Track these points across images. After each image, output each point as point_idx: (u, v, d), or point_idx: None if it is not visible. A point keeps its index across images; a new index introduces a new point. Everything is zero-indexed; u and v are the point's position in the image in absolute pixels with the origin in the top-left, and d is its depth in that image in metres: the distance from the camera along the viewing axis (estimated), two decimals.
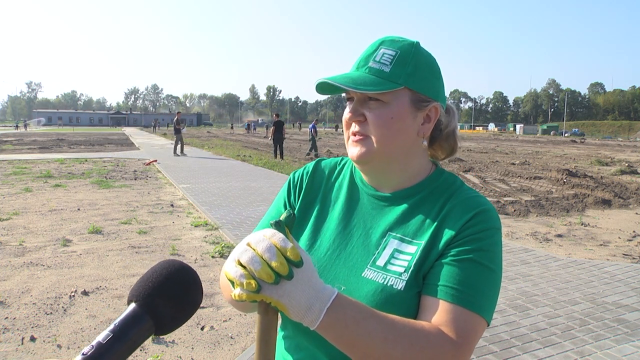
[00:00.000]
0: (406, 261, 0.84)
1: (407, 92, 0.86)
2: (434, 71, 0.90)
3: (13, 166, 14.62)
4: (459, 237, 0.83)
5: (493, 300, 0.82)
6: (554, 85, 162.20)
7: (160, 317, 0.59)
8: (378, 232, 0.90)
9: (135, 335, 0.56)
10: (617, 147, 36.44)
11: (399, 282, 0.83)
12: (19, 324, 3.58)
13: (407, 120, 0.87)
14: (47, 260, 5.11)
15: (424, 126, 0.89)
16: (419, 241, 0.86)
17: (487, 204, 0.87)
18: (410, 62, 0.86)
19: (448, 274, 0.80)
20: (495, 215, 0.86)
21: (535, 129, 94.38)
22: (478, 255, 0.81)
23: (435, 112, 0.90)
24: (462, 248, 0.82)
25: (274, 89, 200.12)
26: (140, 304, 0.58)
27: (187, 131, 62.76)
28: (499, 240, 0.85)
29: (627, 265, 5.25)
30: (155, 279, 0.60)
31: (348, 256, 0.90)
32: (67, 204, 8.45)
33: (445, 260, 0.82)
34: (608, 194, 10.00)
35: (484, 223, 0.84)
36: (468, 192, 0.90)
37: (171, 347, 3.28)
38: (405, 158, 0.91)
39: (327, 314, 0.69)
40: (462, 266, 0.80)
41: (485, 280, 0.80)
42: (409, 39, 0.90)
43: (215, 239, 6.11)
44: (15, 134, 45.27)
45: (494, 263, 0.82)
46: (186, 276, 0.62)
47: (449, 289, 0.79)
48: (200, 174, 12.92)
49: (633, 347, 3.31)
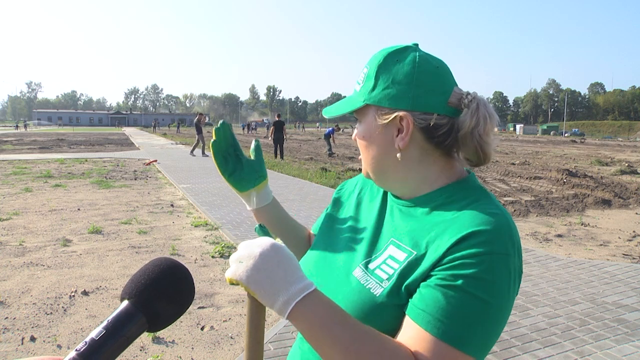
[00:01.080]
0: (392, 269, 0.81)
1: (371, 109, 0.87)
2: (403, 78, 0.85)
3: (13, 166, 14.62)
4: (449, 259, 0.74)
5: (484, 336, 0.72)
6: (554, 85, 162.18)
7: (153, 314, 0.60)
8: (385, 235, 0.90)
9: (128, 332, 0.57)
10: (617, 147, 36.44)
11: (377, 287, 0.80)
12: (19, 324, 3.58)
13: (376, 136, 0.87)
14: (47, 260, 5.11)
15: (397, 138, 0.86)
16: (412, 250, 0.81)
17: (496, 222, 0.76)
18: (372, 76, 0.87)
19: (430, 300, 0.73)
20: (503, 237, 0.75)
21: (535, 129, 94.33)
22: (468, 284, 0.72)
23: (406, 121, 0.84)
24: (450, 273, 0.73)
25: (274, 89, 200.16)
26: (133, 301, 0.59)
27: (187, 131, 62.79)
28: (504, 268, 0.73)
29: (627, 265, 5.25)
30: (147, 276, 0.61)
31: (351, 253, 0.91)
32: (67, 204, 8.45)
33: (430, 283, 0.74)
34: (608, 194, 10.00)
35: (482, 246, 0.73)
36: (483, 205, 0.80)
37: (171, 347, 3.28)
38: (396, 171, 0.88)
39: (295, 309, 0.70)
40: (446, 294, 0.72)
41: (474, 313, 0.71)
42: (389, 49, 0.88)
43: (215, 239, 6.11)
44: (15, 134, 45.27)
45: (490, 294, 0.72)
46: (178, 273, 0.63)
47: (427, 315, 0.72)
48: (200, 174, 12.91)
49: (633, 347, 3.31)
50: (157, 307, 0.60)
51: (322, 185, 11.02)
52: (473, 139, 0.84)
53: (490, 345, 0.74)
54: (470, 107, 0.84)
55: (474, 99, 0.85)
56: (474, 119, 0.83)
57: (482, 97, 0.86)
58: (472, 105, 0.84)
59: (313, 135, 50.37)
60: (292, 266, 0.72)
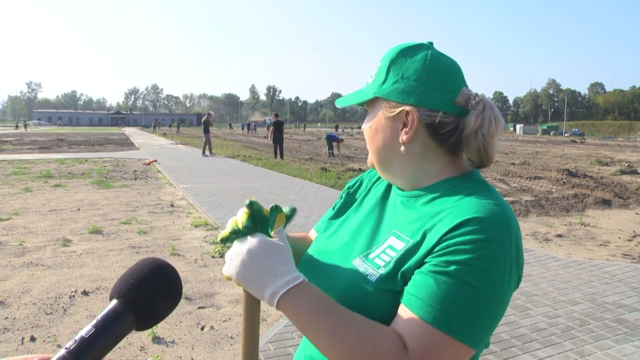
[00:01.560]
0: (390, 257, 0.83)
1: (381, 102, 0.90)
2: (413, 74, 0.87)
3: (13, 166, 14.62)
4: (442, 245, 0.75)
5: (475, 323, 0.72)
6: (554, 85, 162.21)
7: (141, 313, 0.61)
8: (387, 227, 0.91)
9: (117, 330, 0.59)
10: (617, 147, 36.42)
11: (374, 274, 0.82)
12: (19, 324, 3.58)
13: (385, 128, 0.90)
14: (47, 260, 5.11)
15: (402, 132, 0.88)
16: (409, 239, 0.82)
17: (492, 211, 0.76)
18: (384, 70, 0.90)
19: (422, 285, 0.74)
20: (498, 226, 0.75)
21: (535, 129, 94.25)
22: (460, 270, 0.72)
23: (411, 116, 0.86)
24: (443, 259, 0.74)
25: (274, 89, 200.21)
26: (122, 300, 0.61)
27: (187, 131, 62.81)
28: (498, 256, 0.73)
29: (627, 265, 5.25)
30: (136, 275, 0.63)
31: (352, 244, 0.93)
32: (67, 204, 8.45)
33: (423, 269, 0.75)
34: (608, 194, 10.00)
35: (476, 233, 0.73)
36: (482, 196, 0.81)
37: (171, 347, 3.28)
38: (400, 163, 0.91)
39: (282, 300, 0.75)
40: (438, 279, 0.73)
41: (465, 300, 0.71)
42: (403, 45, 0.91)
43: (215, 239, 6.10)
44: (15, 134, 45.27)
45: (482, 281, 0.72)
46: (165, 272, 0.65)
47: (418, 300, 0.73)
48: (200, 174, 12.91)
49: (633, 347, 3.31)
50: (145, 305, 0.61)
51: (322, 185, 11.01)
52: (477, 139, 0.86)
53: (484, 335, 0.74)
54: (477, 108, 0.86)
55: (481, 100, 0.87)
56: (479, 120, 0.85)
57: (489, 100, 0.88)
58: (479, 106, 0.86)
59: (313, 135, 50.36)
60: (279, 260, 0.77)
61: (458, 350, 0.72)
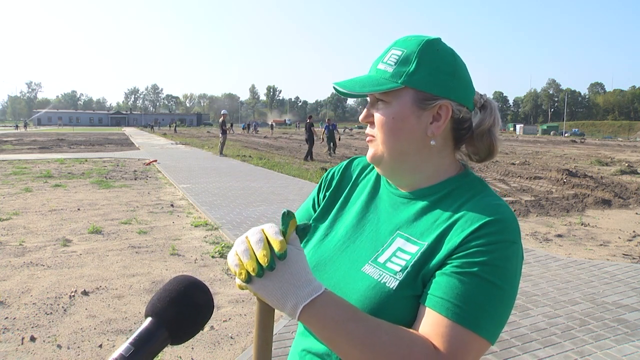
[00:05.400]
0: (405, 260, 0.82)
1: (409, 92, 0.85)
2: (446, 68, 0.86)
3: (13, 166, 14.62)
4: (463, 247, 0.77)
5: (497, 319, 0.75)
6: (554, 85, 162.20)
7: (176, 330, 0.65)
8: (388, 229, 0.89)
9: (153, 347, 0.62)
10: (617, 147, 36.44)
11: (392, 280, 0.80)
12: (19, 324, 3.58)
13: (410, 119, 0.86)
14: (47, 260, 5.11)
15: (432, 125, 0.86)
16: (423, 242, 0.82)
17: (504, 213, 0.80)
18: (414, 60, 0.85)
19: (447, 286, 0.75)
20: (512, 227, 0.79)
21: (535, 129, 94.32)
22: (483, 270, 0.75)
23: (446, 110, 0.86)
24: (466, 260, 0.76)
25: (274, 89, 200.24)
26: (157, 318, 0.64)
27: (187, 131, 62.80)
28: (513, 255, 0.78)
29: (627, 265, 5.25)
30: (169, 294, 0.66)
31: (355, 250, 0.90)
32: (67, 204, 8.46)
33: (446, 271, 0.77)
34: (608, 194, 10.00)
35: (495, 235, 0.77)
36: (488, 198, 0.84)
37: (171, 347, 3.28)
38: (416, 158, 0.88)
39: (305, 311, 0.71)
40: (463, 280, 0.75)
41: (488, 298, 0.74)
42: (422, 37, 0.89)
43: (215, 239, 6.11)
44: (15, 134, 45.28)
45: (503, 279, 0.76)
46: (198, 291, 0.68)
47: (444, 301, 0.75)
48: (200, 174, 12.92)
49: (633, 347, 3.31)
50: (180, 323, 0.65)
51: None
52: (490, 135, 0.90)
53: (501, 329, 0.77)
54: (487, 107, 0.91)
55: (488, 99, 0.92)
56: (492, 117, 0.90)
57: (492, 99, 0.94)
58: (491, 105, 0.92)
59: None
60: (299, 269, 0.72)
61: (482, 347, 0.74)
